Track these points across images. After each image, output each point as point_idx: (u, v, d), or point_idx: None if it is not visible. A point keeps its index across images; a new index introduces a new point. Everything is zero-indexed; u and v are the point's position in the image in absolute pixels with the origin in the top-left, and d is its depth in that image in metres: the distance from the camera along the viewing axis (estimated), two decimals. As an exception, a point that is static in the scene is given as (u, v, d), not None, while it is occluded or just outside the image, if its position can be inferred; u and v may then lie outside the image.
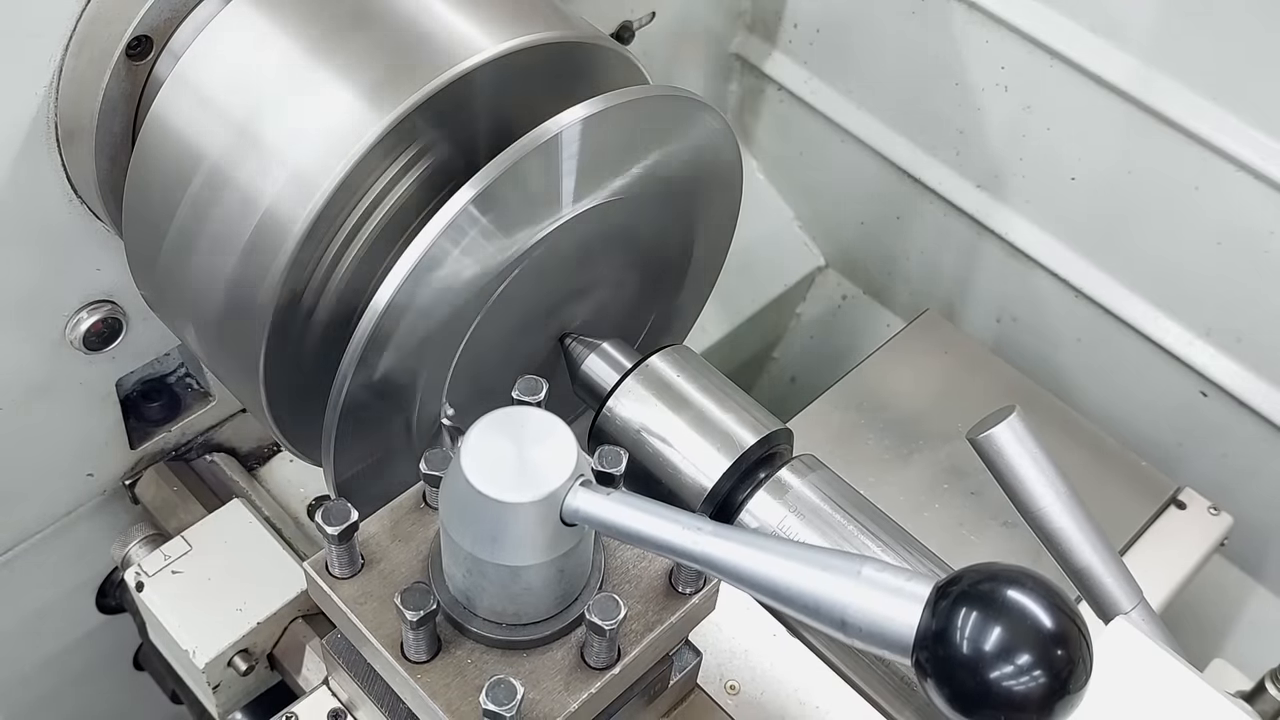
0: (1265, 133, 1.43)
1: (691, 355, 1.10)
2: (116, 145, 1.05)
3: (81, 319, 1.20)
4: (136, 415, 1.36)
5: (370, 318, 0.91)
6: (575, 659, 0.81)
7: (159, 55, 1.03)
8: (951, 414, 1.54)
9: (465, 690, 0.79)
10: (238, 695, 1.23)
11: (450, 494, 0.76)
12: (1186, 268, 1.58)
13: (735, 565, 0.71)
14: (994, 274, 1.82)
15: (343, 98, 0.93)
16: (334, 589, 0.82)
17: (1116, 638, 0.96)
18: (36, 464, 1.29)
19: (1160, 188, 1.55)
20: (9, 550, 1.35)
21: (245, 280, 0.96)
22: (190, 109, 0.97)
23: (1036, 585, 0.65)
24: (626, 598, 0.80)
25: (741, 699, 1.01)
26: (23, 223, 1.11)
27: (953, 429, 1.44)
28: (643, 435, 1.05)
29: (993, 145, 1.71)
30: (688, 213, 1.13)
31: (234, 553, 1.24)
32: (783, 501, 1.03)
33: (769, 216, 2.07)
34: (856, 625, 0.67)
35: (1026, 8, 1.57)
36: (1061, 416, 1.61)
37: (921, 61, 1.73)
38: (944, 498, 1.48)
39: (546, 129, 0.93)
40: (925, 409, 1.58)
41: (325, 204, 0.92)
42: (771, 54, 1.93)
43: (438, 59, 0.94)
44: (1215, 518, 1.51)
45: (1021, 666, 0.63)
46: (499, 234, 0.95)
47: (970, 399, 1.59)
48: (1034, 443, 1.08)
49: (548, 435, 0.76)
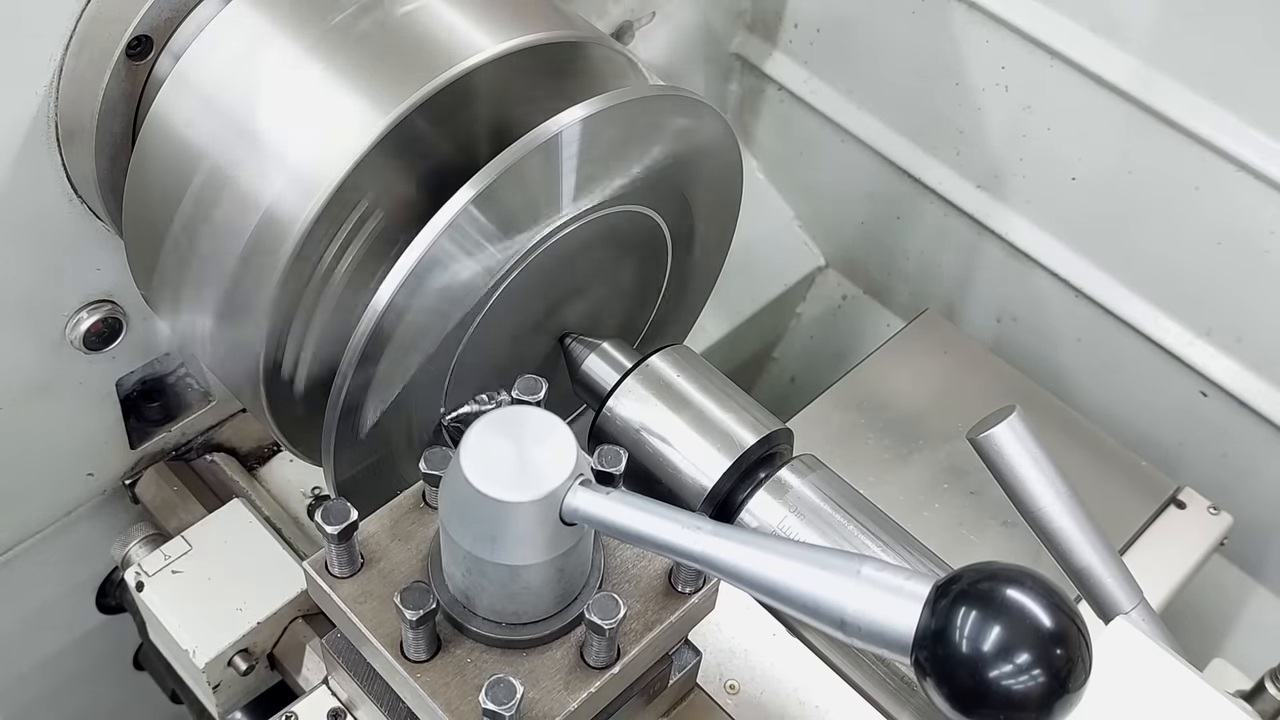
0: (1265, 133, 1.43)
1: (691, 355, 1.10)
2: (116, 145, 1.05)
3: (81, 319, 1.20)
4: (136, 415, 1.35)
5: (370, 318, 0.91)
6: (575, 658, 0.81)
7: (159, 55, 1.03)
8: (951, 414, 1.53)
9: (465, 689, 0.79)
10: (238, 695, 1.23)
11: (450, 493, 0.76)
12: (1187, 268, 1.58)
13: (735, 564, 0.71)
14: (994, 274, 1.82)
15: (343, 98, 0.93)
16: (334, 588, 0.82)
17: (1116, 638, 0.96)
18: (36, 464, 1.29)
19: (1160, 188, 1.55)
20: (9, 550, 1.35)
21: (245, 280, 0.96)
22: (190, 109, 0.98)
23: (1036, 584, 0.65)
24: (626, 597, 0.80)
25: (741, 698, 1.01)
26: (23, 222, 1.11)
27: (953, 429, 1.44)
28: (643, 435, 1.05)
29: (993, 145, 1.71)
30: (688, 212, 1.13)
31: (234, 553, 1.23)
32: (783, 501, 1.03)
33: (769, 216, 2.07)
34: (856, 624, 0.67)
35: (1027, 8, 1.57)
36: (1061, 416, 1.60)
37: (922, 61, 1.73)
38: (944, 497, 1.48)
39: (546, 129, 0.93)
40: (925, 409, 1.58)
41: (325, 204, 0.92)
42: (772, 54, 1.93)
43: (438, 59, 0.94)
44: (1215, 517, 1.51)
45: (1021, 665, 0.63)
46: (499, 234, 0.95)
47: (970, 399, 1.59)
48: (1034, 443, 1.08)
49: (547, 435, 0.76)
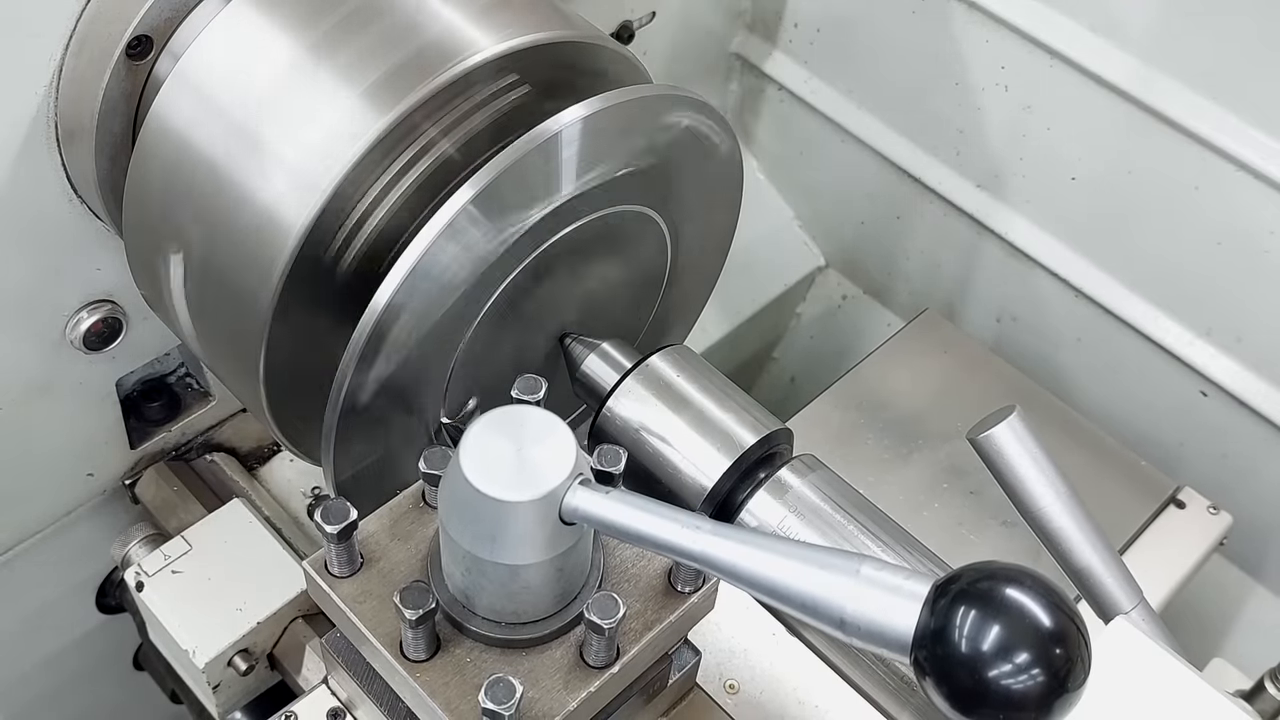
0: (1265, 133, 1.43)
1: (691, 355, 1.10)
2: (116, 145, 1.05)
3: (81, 319, 1.20)
4: (136, 415, 1.36)
5: (369, 317, 0.91)
6: (574, 658, 0.81)
7: (159, 55, 1.03)
8: (951, 414, 1.54)
9: (464, 689, 0.79)
10: (238, 695, 1.23)
11: (449, 493, 0.76)
12: (1186, 268, 1.58)
13: (734, 564, 0.71)
14: (994, 274, 1.82)
15: (343, 97, 0.93)
16: (333, 588, 0.82)
17: (1116, 637, 0.96)
18: (36, 464, 1.29)
19: (1160, 187, 1.55)
20: (9, 550, 1.35)
21: (245, 280, 0.96)
22: (190, 109, 0.98)
23: (1035, 584, 0.65)
24: (625, 596, 0.80)
25: (740, 698, 1.01)
26: (23, 222, 1.11)
27: (952, 429, 1.44)
28: (642, 435, 1.05)
29: (993, 145, 1.71)
30: (687, 213, 1.13)
31: (234, 553, 1.24)
32: (783, 501, 1.03)
33: (769, 216, 2.07)
34: (855, 624, 0.67)
35: (1027, 7, 1.57)
36: (1061, 416, 1.60)
37: (922, 61, 1.73)
38: (944, 497, 1.48)
39: (546, 128, 0.93)
40: (925, 409, 1.58)
41: (325, 204, 0.92)
42: (772, 53, 1.93)
43: (438, 59, 0.94)
44: (1215, 517, 1.51)
45: (1020, 665, 0.63)
46: (498, 233, 0.95)
47: (970, 399, 1.59)
48: (1034, 443, 1.08)
49: (547, 434, 0.76)
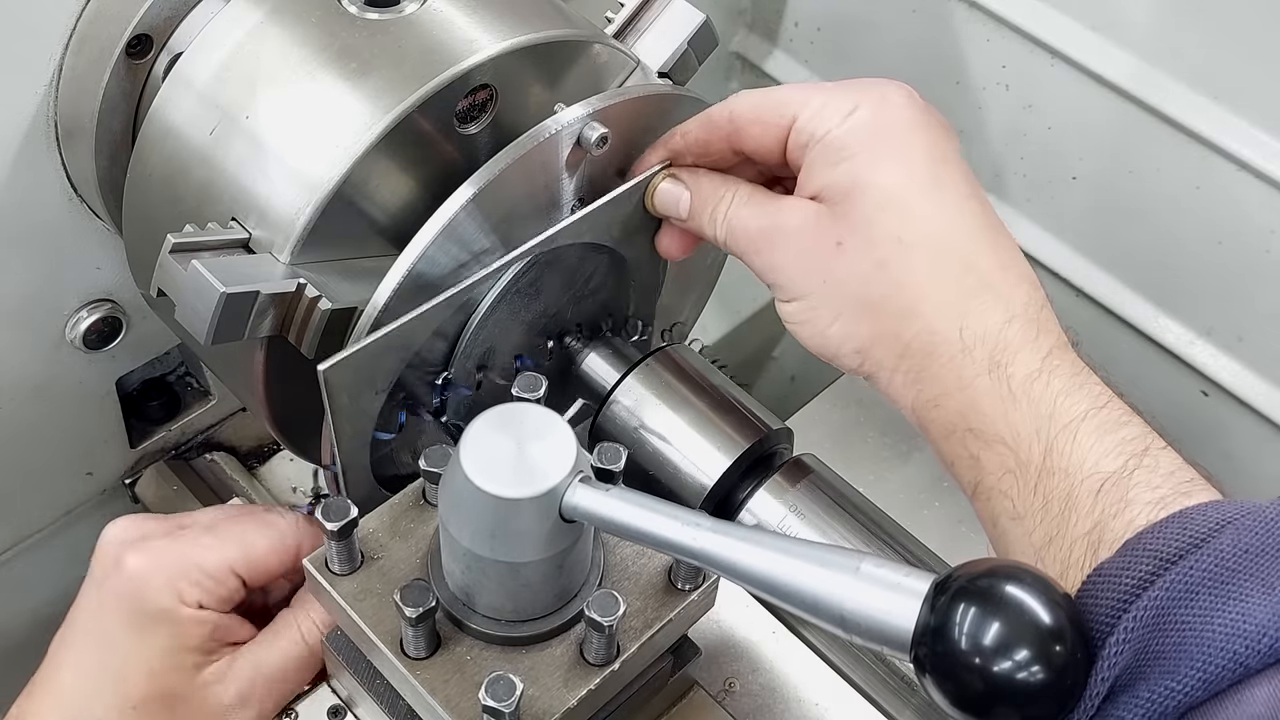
0: (1267, 132, 1.42)
1: (691, 355, 1.10)
2: (116, 144, 1.05)
3: (81, 318, 1.20)
4: (136, 414, 1.35)
5: (368, 317, 0.91)
6: (574, 655, 0.81)
7: (159, 54, 1.03)
8: (952, 413, 1.53)
9: (464, 687, 0.79)
10: (238, 694, 1.23)
11: (449, 490, 0.76)
12: (1187, 267, 1.58)
13: (734, 561, 0.71)
14: (994, 274, 1.82)
15: (343, 96, 0.93)
16: (333, 585, 0.83)
17: (1116, 636, 0.95)
18: (36, 463, 1.29)
19: (1161, 187, 1.55)
20: (9, 550, 1.35)
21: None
22: (190, 108, 0.98)
23: (1035, 581, 0.65)
24: (625, 594, 0.80)
25: (740, 696, 1.01)
26: (23, 222, 1.11)
27: (953, 428, 1.43)
28: (643, 434, 1.05)
29: (993, 145, 1.71)
30: (687, 211, 1.13)
31: (234, 552, 1.23)
32: (783, 500, 1.03)
33: (769, 216, 2.06)
34: (855, 621, 0.67)
35: (1027, 6, 1.57)
36: (1062, 416, 1.60)
37: (922, 61, 1.73)
38: (943, 496, 1.48)
39: (546, 127, 0.93)
40: (925, 408, 1.58)
41: (325, 204, 0.92)
42: (772, 53, 1.93)
43: (437, 58, 0.94)
44: (1215, 517, 1.51)
45: (1020, 662, 0.63)
46: (498, 233, 0.95)
47: (970, 398, 1.58)
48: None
49: (547, 432, 0.76)
